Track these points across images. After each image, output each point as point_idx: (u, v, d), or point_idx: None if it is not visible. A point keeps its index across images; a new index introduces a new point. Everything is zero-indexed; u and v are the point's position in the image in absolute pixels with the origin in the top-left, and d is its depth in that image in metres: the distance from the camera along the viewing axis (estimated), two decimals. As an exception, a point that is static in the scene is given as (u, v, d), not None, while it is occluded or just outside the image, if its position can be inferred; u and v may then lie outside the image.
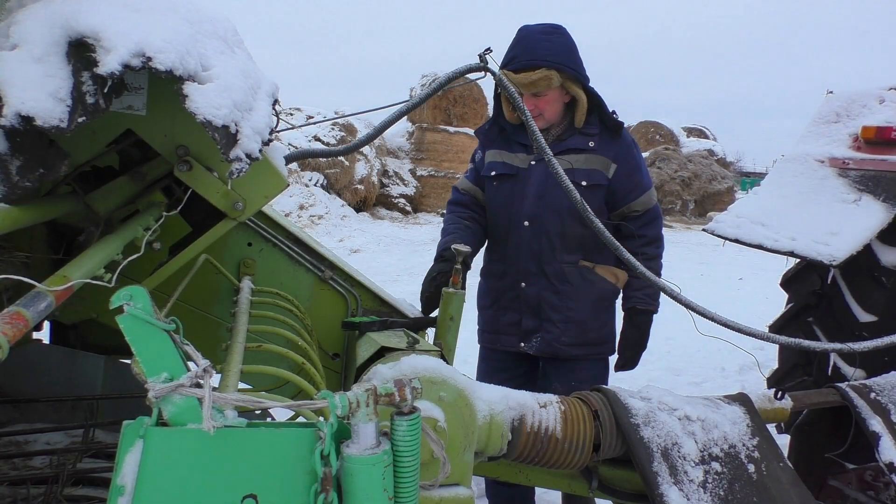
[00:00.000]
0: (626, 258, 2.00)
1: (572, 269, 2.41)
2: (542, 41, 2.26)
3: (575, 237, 2.38)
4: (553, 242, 2.39)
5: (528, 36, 2.30)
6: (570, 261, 2.40)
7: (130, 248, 1.27)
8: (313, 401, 0.89)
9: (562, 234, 2.38)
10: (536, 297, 2.44)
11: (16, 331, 0.78)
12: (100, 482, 1.74)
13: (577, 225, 2.34)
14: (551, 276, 2.41)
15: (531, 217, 2.40)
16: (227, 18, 1.41)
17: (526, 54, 2.25)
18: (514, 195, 2.44)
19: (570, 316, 2.41)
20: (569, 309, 2.41)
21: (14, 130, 0.92)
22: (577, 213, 2.27)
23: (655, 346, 5.84)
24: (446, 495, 1.39)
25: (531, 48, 2.26)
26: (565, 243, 2.39)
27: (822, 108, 3.16)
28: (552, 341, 2.43)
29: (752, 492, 1.61)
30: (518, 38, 2.32)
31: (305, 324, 1.91)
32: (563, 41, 2.29)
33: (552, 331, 2.43)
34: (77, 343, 2.19)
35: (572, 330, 2.42)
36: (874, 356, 2.46)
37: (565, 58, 2.26)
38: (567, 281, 2.41)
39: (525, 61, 2.24)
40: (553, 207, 2.37)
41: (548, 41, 2.26)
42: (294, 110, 14.80)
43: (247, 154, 1.17)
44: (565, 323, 2.42)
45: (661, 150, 21.66)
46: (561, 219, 2.37)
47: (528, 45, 2.27)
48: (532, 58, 2.23)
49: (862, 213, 2.64)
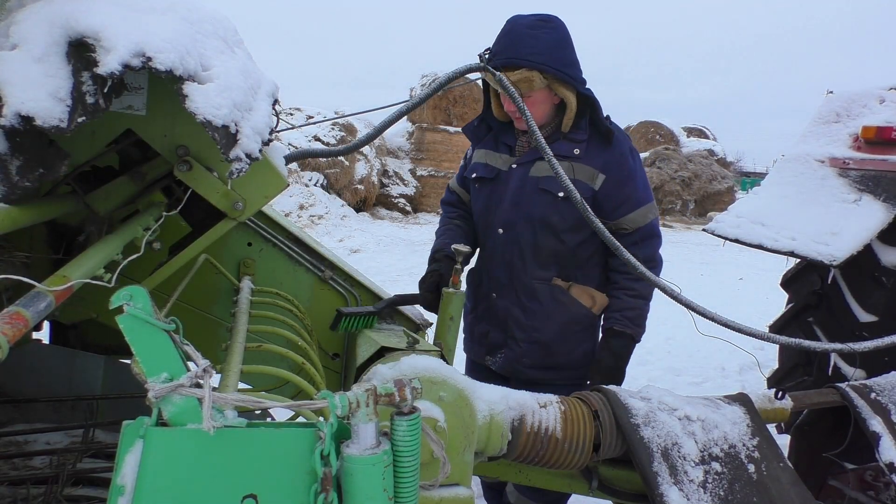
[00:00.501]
0: (627, 258, 1.97)
1: (544, 286, 2.21)
2: (526, 37, 2.05)
3: (548, 251, 2.19)
4: (524, 254, 2.22)
5: (513, 30, 2.08)
6: (541, 277, 2.21)
7: (130, 248, 1.27)
8: (313, 401, 0.89)
9: (534, 245, 2.20)
10: (505, 311, 2.28)
11: (16, 331, 0.78)
12: (100, 482, 1.74)
13: (550, 238, 2.18)
14: (520, 290, 2.24)
15: (505, 224, 2.24)
16: (227, 18, 1.41)
17: (507, 51, 2.05)
18: (492, 199, 2.29)
19: (535, 337, 2.23)
20: (534, 329, 2.23)
21: (14, 130, 0.92)
22: (552, 226, 2.15)
23: (655, 346, 5.88)
24: (446, 495, 1.39)
25: (514, 44, 2.05)
26: (538, 257, 2.21)
27: (823, 108, 3.16)
28: (513, 360, 2.27)
29: (752, 492, 1.61)
30: (504, 31, 2.10)
31: (305, 324, 1.91)
32: (552, 37, 2.07)
33: (515, 349, 2.27)
34: (77, 343, 2.19)
35: (535, 351, 2.24)
36: (874, 356, 2.46)
37: (549, 57, 2.03)
38: (536, 299, 2.22)
39: (505, 59, 2.04)
40: (526, 216, 2.19)
41: (533, 37, 2.04)
42: (294, 110, 14.81)
43: (247, 154, 1.17)
44: (528, 343, 2.24)
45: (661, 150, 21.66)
46: (533, 229, 2.19)
47: (512, 40, 2.06)
48: (512, 55, 2.03)
49: (862, 213, 2.64)
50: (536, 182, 2.18)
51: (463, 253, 2.16)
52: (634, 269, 1.96)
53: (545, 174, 2.16)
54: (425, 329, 2.25)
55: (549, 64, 2.03)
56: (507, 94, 1.99)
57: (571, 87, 2.11)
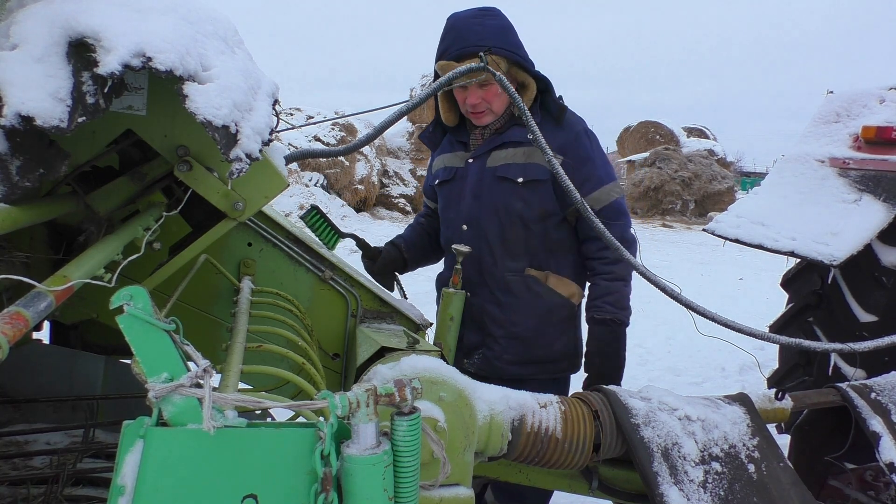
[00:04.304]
0: (628, 258, 1.97)
1: (517, 278, 2.17)
2: (472, 26, 2.06)
3: (518, 241, 2.16)
4: (493, 247, 2.18)
5: (456, 24, 2.09)
6: (514, 269, 2.17)
7: (130, 248, 1.27)
8: (313, 401, 0.89)
9: (502, 237, 2.16)
10: (479, 310, 2.23)
11: (16, 331, 0.78)
12: (100, 482, 1.74)
13: (518, 227, 2.15)
14: (494, 286, 2.19)
15: (469, 219, 2.22)
16: (227, 18, 1.41)
17: (457, 42, 2.05)
18: (451, 196, 2.28)
19: (514, 332, 2.18)
20: (511, 323, 2.18)
21: (14, 130, 0.92)
22: (517, 213, 2.14)
23: (655, 346, 5.88)
24: (446, 495, 1.39)
25: (461, 35, 2.05)
26: (507, 248, 2.17)
27: (823, 108, 3.16)
28: (493, 359, 2.22)
29: (752, 492, 1.61)
30: (447, 28, 2.12)
31: (305, 324, 1.91)
32: (496, 23, 2.09)
33: (493, 347, 2.22)
34: (77, 343, 2.19)
35: (515, 347, 2.19)
36: (874, 356, 2.46)
37: (499, 40, 2.04)
38: (510, 292, 2.17)
39: (456, 50, 2.05)
40: (490, 207, 2.17)
41: (479, 25, 2.06)
42: (294, 110, 14.80)
43: (247, 154, 1.17)
44: (507, 339, 2.19)
45: (661, 150, 21.67)
46: (499, 219, 2.16)
47: (458, 32, 2.07)
48: (464, 45, 2.03)
49: (862, 213, 2.64)
50: (494, 171, 2.18)
51: (463, 253, 2.16)
52: (635, 268, 1.95)
53: (502, 162, 2.16)
54: (425, 329, 2.25)
55: (503, 47, 2.04)
56: (508, 93, 1.97)
57: (528, 71, 2.11)
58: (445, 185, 2.32)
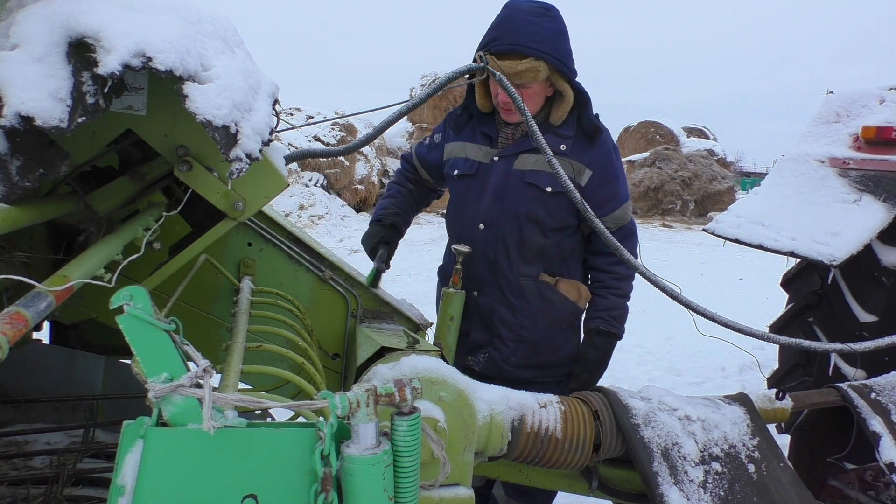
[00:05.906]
0: (627, 259, 1.97)
1: (531, 283, 2.17)
2: (529, 24, 1.99)
3: (535, 247, 2.15)
4: (510, 251, 2.16)
5: (513, 16, 2.01)
6: (528, 273, 2.17)
7: (130, 248, 1.27)
8: (313, 401, 0.89)
9: (520, 242, 2.15)
10: (489, 310, 2.22)
11: (16, 331, 0.78)
12: (100, 482, 1.74)
13: (536, 234, 2.14)
14: (506, 288, 2.18)
15: (487, 220, 2.18)
16: (227, 18, 1.41)
17: (509, 37, 1.98)
18: (469, 193, 2.22)
19: (523, 335, 2.19)
20: (522, 328, 2.19)
21: (14, 130, 0.92)
22: (539, 221, 2.13)
23: (655, 346, 5.88)
24: (446, 495, 1.39)
25: (516, 30, 1.98)
26: (524, 253, 2.16)
27: (823, 108, 3.16)
28: (499, 360, 2.22)
29: (752, 492, 1.61)
30: (502, 17, 2.04)
31: (305, 324, 1.91)
32: (553, 26, 2.02)
33: (501, 349, 2.22)
34: (77, 343, 2.19)
35: (523, 350, 2.20)
36: (874, 356, 2.47)
37: (552, 47, 1.99)
38: (523, 296, 2.17)
39: (507, 45, 1.98)
40: (511, 211, 2.14)
41: (535, 25, 1.99)
42: (294, 110, 14.80)
43: (247, 154, 1.17)
44: (516, 342, 2.20)
45: (661, 150, 21.65)
46: (519, 225, 2.14)
47: (514, 26, 1.99)
48: (515, 42, 1.97)
49: (862, 213, 2.64)
50: (521, 175, 2.14)
51: (464, 253, 2.15)
52: (635, 268, 1.97)
53: (531, 167, 2.12)
54: (425, 329, 2.25)
55: (552, 55, 1.99)
56: (508, 93, 1.96)
57: (569, 81, 2.08)
58: (465, 178, 2.25)
